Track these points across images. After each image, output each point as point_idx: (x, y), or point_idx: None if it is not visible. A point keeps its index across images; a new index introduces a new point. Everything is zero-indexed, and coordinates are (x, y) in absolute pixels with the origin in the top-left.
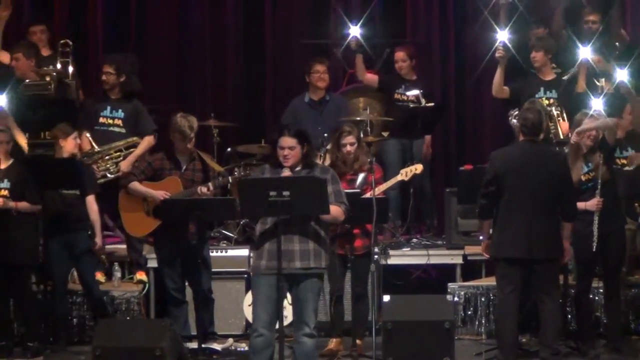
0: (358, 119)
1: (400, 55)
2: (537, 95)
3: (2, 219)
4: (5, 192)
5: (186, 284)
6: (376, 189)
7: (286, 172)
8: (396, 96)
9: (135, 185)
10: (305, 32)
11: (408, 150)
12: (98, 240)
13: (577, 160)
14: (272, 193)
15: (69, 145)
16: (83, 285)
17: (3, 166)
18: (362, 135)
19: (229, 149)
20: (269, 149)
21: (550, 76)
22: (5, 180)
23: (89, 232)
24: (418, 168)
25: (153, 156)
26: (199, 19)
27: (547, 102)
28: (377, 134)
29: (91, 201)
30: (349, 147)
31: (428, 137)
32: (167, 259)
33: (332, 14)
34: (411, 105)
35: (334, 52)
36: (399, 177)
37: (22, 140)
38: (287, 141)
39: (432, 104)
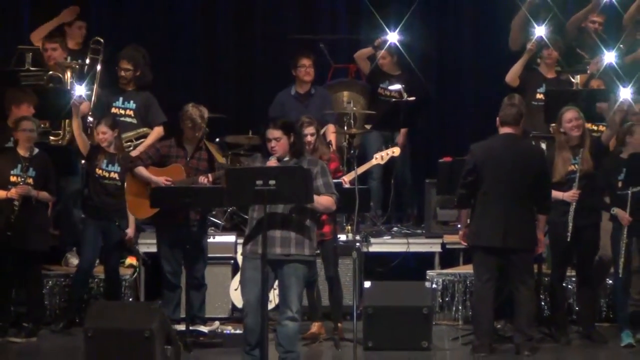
0: (339, 111)
1: (381, 52)
2: (538, 90)
3: (23, 206)
4: (30, 181)
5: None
6: (352, 173)
7: (272, 161)
8: (380, 91)
9: (141, 170)
10: (293, 27)
11: (390, 142)
12: (130, 230)
13: (563, 151)
14: (258, 182)
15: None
16: (108, 272)
17: (29, 155)
18: (346, 128)
19: (217, 140)
20: (257, 140)
21: (552, 74)
22: (31, 169)
23: (117, 223)
24: (395, 151)
25: (161, 142)
26: (190, 11)
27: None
28: (360, 126)
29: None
30: (309, 138)
31: (404, 129)
32: (168, 243)
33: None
34: (393, 100)
35: (319, 47)
36: (374, 161)
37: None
38: (273, 133)
39: (413, 98)
